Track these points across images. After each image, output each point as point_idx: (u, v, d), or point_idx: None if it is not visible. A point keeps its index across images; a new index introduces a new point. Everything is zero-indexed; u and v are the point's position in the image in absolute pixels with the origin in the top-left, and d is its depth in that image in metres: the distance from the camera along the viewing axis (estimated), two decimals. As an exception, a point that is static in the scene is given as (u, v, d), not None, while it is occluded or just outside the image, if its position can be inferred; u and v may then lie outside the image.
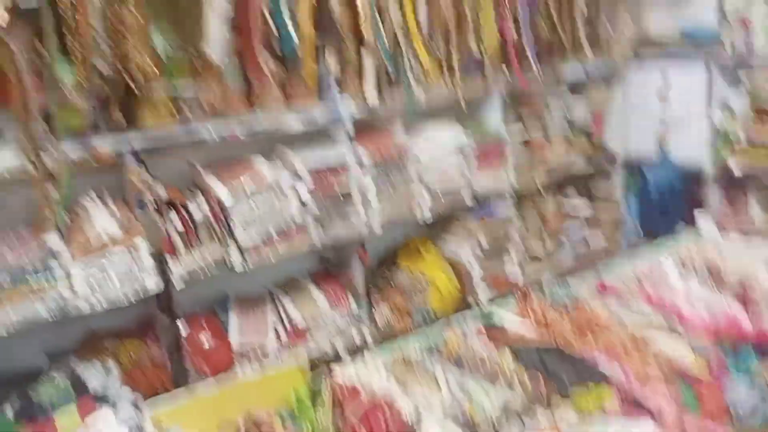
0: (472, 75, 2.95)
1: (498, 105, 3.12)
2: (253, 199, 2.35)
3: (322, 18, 2.50)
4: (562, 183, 3.56)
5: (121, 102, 2.17)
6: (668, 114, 3.31)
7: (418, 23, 2.72)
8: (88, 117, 2.09)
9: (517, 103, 3.25)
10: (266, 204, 2.38)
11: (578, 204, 3.56)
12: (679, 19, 3.33)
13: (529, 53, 3.02)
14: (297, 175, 2.47)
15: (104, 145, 2.12)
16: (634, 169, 3.53)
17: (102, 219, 2.11)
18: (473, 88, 2.96)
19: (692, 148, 3.24)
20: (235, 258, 2.36)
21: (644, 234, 3.53)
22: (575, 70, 3.30)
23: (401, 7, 2.66)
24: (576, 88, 3.51)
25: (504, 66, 3.03)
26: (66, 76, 2.05)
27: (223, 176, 2.40)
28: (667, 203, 3.37)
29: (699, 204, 3.30)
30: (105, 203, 2.22)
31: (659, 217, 3.42)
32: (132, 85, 2.11)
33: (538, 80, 3.09)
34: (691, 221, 3.33)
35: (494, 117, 3.14)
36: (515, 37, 2.96)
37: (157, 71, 2.14)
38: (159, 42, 2.16)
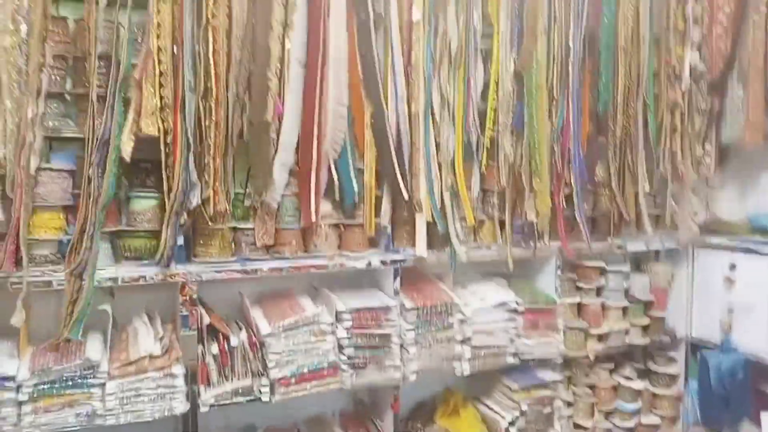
0: (525, 237, 2.99)
1: (552, 269, 3.12)
2: (291, 335, 2.42)
3: (381, 171, 2.67)
4: (618, 356, 3.42)
5: (186, 231, 2.37)
6: (734, 300, 3.17)
7: (469, 186, 2.84)
8: (152, 242, 2.29)
9: (573, 269, 3.23)
10: (303, 340, 2.44)
11: (633, 380, 3.38)
12: (748, 205, 3.29)
13: (581, 224, 3.04)
14: (338, 315, 2.54)
15: (163, 269, 2.29)
16: (696, 352, 3.36)
17: (146, 339, 2.24)
18: (526, 251, 2.99)
19: (758, 339, 3.06)
20: (265, 390, 2.40)
21: (704, 421, 3.29)
22: (637, 243, 3.27)
23: (454, 170, 2.79)
24: (639, 261, 3.47)
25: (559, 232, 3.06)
26: (140, 204, 2.30)
27: (266, 309, 2.51)
28: (729, 392, 3.14)
29: (765, 398, 3.07)
30: (153, 322, 2.36)
31: (721, 405, 3.19)
32: (208, 221, 2.32)
33: (589, 250, 3.08)
34: (756, 418, 3.10)
35: (548, 280, 3.13)
36: (564, 206, 2.99)
37: (229, 210, 2.36)
38: (231, 184, 2.37)
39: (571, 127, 2.96)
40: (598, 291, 3.27)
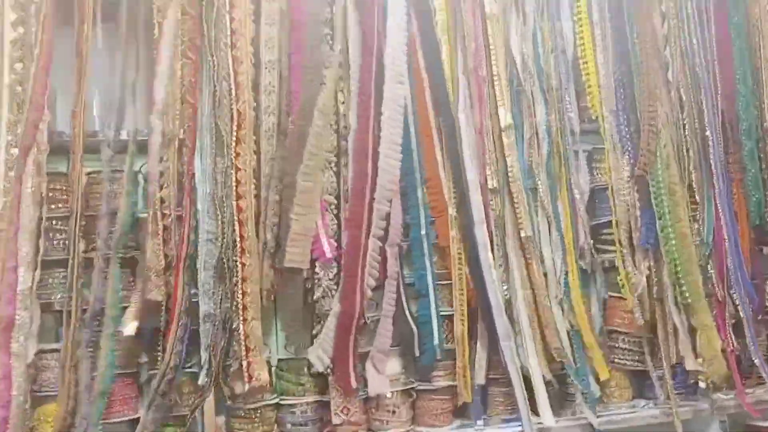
0: (679, 392, 2.25)
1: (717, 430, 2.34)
2: None
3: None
4: None
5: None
6: None
7: (592, 328, 2.21)
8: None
9: (745, 429, 2.40)
10: None
11: None
12: None
13: (761, 366, 2.27)
14: None
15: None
16: None
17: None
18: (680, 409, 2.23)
19: None
20: None
21: None
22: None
23: (573, 309, 2.19)
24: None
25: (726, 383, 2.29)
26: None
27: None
28: None
29: None
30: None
31: None
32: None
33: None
34: None
35: (712, 445, 2.33)
36: (735, 345, 2.25)
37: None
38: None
39: (726, 237, 2.29)
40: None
